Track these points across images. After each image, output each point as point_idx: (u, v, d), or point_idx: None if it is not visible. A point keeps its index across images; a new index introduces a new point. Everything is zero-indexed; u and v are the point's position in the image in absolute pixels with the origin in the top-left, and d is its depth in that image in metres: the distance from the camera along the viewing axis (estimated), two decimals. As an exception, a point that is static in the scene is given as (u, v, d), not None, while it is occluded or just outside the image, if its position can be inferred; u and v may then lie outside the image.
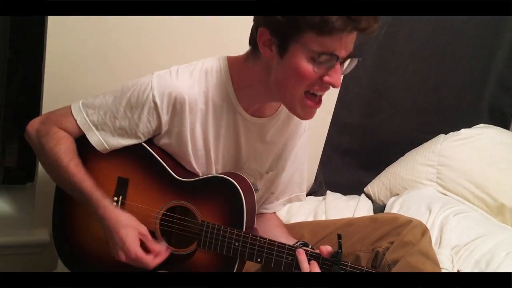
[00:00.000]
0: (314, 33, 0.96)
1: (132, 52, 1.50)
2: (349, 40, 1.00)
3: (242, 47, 1.13)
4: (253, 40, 1.08)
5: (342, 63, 1.02)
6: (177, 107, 1.12)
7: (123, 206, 1.19)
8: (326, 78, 1.01)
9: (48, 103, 1.45)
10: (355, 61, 1.05)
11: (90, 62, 1.47)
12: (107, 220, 1.10)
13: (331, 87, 1.04)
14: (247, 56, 1.12)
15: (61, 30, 1.40)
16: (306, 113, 1.09)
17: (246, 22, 1.10)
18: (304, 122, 1.30)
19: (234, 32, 1.35)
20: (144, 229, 1.12)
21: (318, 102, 1.07)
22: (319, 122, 1.89)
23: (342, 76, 1.05)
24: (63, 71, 1.45)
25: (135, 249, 1.08)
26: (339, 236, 1.07)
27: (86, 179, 1.13)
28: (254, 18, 1.07)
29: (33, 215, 1.60)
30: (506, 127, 2.30)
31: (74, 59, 1.45)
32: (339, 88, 1.81)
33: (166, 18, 1.49)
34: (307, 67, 0.99)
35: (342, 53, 1.00)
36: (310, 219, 1.72)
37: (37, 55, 1.53)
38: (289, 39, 0.99)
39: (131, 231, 1.10)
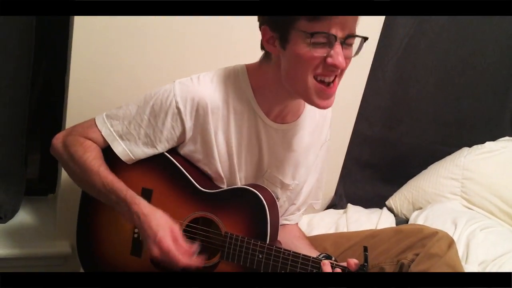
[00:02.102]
0: (306, 19, 0.98)
1: (158, 60, 1.51)
2: (344, 21, 0.99)
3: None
4: (262, 43, 1.11)
5: (344, 44, 1.01)
6: (200, 112, 1.13)
7: None
8: (328, 60, 1.01)
9: (72, 114, 1.46)
10: (359, 41, 1.04)
11: (114, 73, 1.48)
12: (141, 215, 1.09)
13: (339, 70, 1.04)
14: (261, 60, 1.15)
15: (85, 40, 1.41)
16: (323, 100, 1.07)
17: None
18: (325, 132, 1.30)
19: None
20: (176, 228, 1.11)
21: (331, 86, 1.06)
22: (339, 134, 1.88)
23: (351, 59, 1.05)
24: (88, 81, 1.46)
25: (167, 241, 1.07)
26: (365, 249, 1.06)
27: (117, 181, 1.14)
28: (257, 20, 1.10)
29: (55, 227, 1.61)
30: (528, 140, 2.25)
31: (99, 70, 1.46)
32: (360, 99, 1.85)
33: (194, 26, 1.50)
34: (306, 50, 1.00)
35: (339, 33, 1.00)
36: (332, 232, 1.70)
37: (60, 65, 1.55)
38: (287, 29, 1.02)
39: (164, 226, 1.09)
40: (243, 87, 1.15)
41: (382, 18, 1.76)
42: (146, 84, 1.49)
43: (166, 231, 1.08)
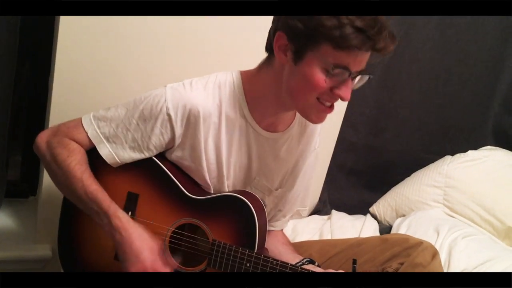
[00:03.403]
0: (331, 46, 0.97)
1: (143, 62, 1.49)
2: (364, 58, 1.01)
3: (257, 49, 1.13)
4: (269, 45, 1.09)
5: (353, 78, 1.03)
6: (191, 119, 1.10)
7: None
8: (337, 91, 1.02)
9: (56, 116, 1.43)
10: (365, 78, 1.05)
11: (99, 74, 1.46)
12: (122, 231, 1.08)
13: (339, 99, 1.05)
14: (260, 66, 1.13)
15: (70, 41, 1.39)
16: (319, 117, 1.09)
17: (264, 24, 1.11)
18: (315, 140, 1.30)
19: (252, 36, 1.35)
20: (156, 246, 1.10)
21: (330, 107, 1.07)
22: (324, 141, 1.87)
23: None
24: (72, 82, 1.44)
25: (149, 262, 1.06)
26: (354, 261, 1.06)
27: (101, 191, 1.11)
28: (273, 21, 1.07)
29: (35, 230, 1.58)
30: (510, 148, 2.29)
31: (83, 71, 1.44)
32: (346, 106, 1.86)
33: (179, 27, 1.49)
34: (320, 77, 1.00)
35: (355, 69, 1.01)
36: (316, 238, 1.70)
37: (43, 67, 1.52)
38: (306, 47, 1.00)
39: (146, 246, 1.07)
40: (237, 95, 1.13)
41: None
42: (131, 85, 1.49)
43: (147, 252, 1.07)
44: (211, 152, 1.15)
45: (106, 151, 1.14)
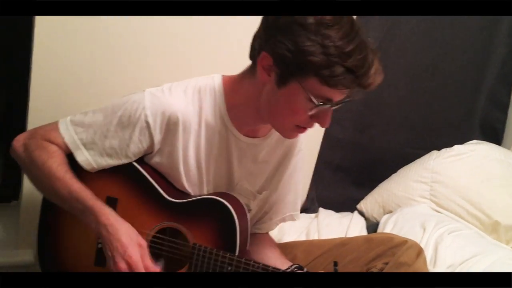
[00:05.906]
0: (318, 81, 0.96)
1: (123, 63, 1.47)
2: (347, 90, 1.01)
3: (243, 51, 1.10)
4: (253, 57, 1.07)
5: (334, 107, 1.04)
6: (170, 126, 1.09)
7: None
8: (316, 120, 1.04)
9: (35, 117, 1.41)
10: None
11: (78, 76, 1.44)
12: (109, 227, 1.05)
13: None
14: (243, 73, 1.11)
15: (48, 42, 1.37)
16: (292, 135, 1.12)
17: (248, 26, 1.08)
18: (299, 141, 1.28)
19: (236, 38, 1.33)
20: (143, 242, 1.08)
21: (305, 128, 1.08)
22: (311, 138, 1.88)
23: None
24: (50, 85, 1.41)
25: (137, 256, 1.04)
26: (335, 263, 1.06)
27: (85, 189, 1.10)
28: (259, 35, 1.05)
29: (17, 235, 1.55)
30: (497, 142, 2.30)
31: (61, 73, 1.42)
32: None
33: (160, 27, 1.46)
34: (302, 106, 1.00)
35: (338, 99, 1.01)
36: (303, 237, 1.70)
37: (23, 69, 1.50)
38: (292, 76, 0.98)
39: (133, 241, 1.06)
40: (218, 101, 1.11)
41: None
42: (111, 85, 1.47)
43: (135, 247, 1.05)
44: (191, 159, 1.14)
45: (83, 158, 1.13)
